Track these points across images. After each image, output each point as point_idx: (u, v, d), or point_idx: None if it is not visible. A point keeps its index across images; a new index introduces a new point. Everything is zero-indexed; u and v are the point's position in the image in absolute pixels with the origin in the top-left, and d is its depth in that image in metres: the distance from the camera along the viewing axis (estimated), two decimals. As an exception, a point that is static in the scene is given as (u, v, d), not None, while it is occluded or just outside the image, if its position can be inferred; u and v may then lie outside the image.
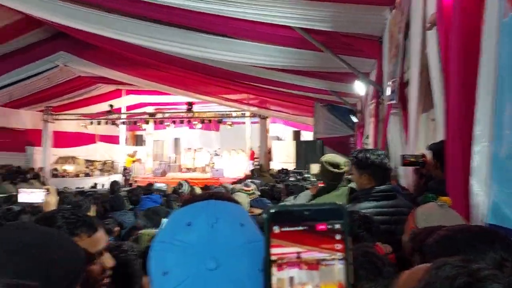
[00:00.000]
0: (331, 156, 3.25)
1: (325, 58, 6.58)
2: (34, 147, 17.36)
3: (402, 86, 4.18)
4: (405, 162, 3.12)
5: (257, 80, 10.01)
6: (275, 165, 15.51)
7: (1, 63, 12.61)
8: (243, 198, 4.14)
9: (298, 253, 0.52)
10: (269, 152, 16.95)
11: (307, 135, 15.93)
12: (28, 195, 2.43)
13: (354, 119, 10.47)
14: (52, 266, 0.91)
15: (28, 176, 14.83)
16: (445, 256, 0.84)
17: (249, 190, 4.65)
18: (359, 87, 7.38)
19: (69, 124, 18.44)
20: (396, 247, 1.61)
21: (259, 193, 5.01)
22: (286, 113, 15.06)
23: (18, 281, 0.79)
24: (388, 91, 4.57)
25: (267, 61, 7.66)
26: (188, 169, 21.73)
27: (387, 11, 4.78)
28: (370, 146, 6.41)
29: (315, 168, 6.49)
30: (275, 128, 18.85)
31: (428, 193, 1.82)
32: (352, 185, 2.97)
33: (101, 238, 1.38)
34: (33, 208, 4.25)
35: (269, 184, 7.29)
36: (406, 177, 3.81)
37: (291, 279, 0.52)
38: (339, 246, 0.52)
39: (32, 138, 17.33)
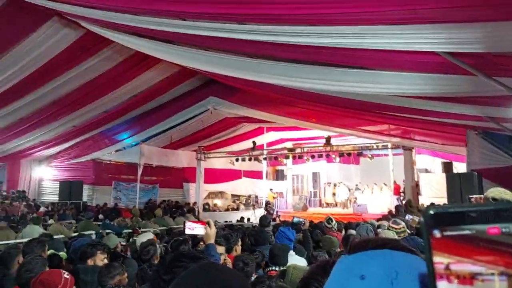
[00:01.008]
0: (498, 192, 2.81)
1: (475, 81, 5.96)
2: (189, 183, 19.42)
3: None
4: None
5: (398, 110, 9.56)
6: (424, 200, 14.37)
7: (163, 110, 14.75)
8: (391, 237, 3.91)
9: (467, 263, 0.44)
10: (416, 186, 15.78)
11: (459, 167, 14.45)
12: (192, 229, 2.73)
13: (518, 147, 9.19)
14: None
15: (185, 209, 16.52)
16: None
17: (398, 228, 4.36)
18: (522, 111, 6.49)
19: (218, 162, 20.14)
20: None
21: (409, 231, 4.66)
22: (433, 143, 13.93)
23: None
24: (561, 113, 3.91)
25: (408, 89, 7.27)
26: (328, 204, 21.51)
27: (551, 22, 4.16)
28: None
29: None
30: (421, 159, 17.52)
31: None
32: None
33: None
34: (192, 239, 4.72)
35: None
36: None
37: None
38: None
39: (187, 175, 19.45)
